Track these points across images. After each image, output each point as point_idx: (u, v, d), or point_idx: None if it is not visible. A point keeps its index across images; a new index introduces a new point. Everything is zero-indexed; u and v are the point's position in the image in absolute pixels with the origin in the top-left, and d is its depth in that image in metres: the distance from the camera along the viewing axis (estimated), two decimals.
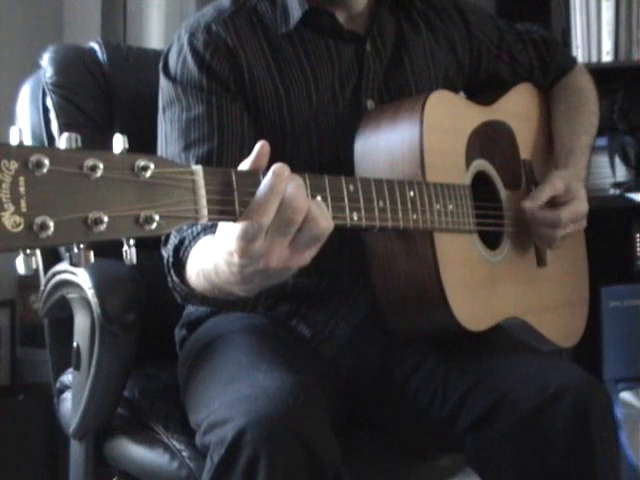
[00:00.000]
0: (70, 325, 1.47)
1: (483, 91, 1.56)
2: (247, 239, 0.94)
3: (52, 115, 1.65)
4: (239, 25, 1.39)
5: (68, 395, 1.57)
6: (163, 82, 1.40)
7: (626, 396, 2.36)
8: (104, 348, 1.39)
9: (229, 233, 0.96)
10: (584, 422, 1.22)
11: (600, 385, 1.30)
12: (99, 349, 1.39)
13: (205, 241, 1.14)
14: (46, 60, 1.69)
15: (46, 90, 1.66)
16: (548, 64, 1.66)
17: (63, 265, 1.52)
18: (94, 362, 1.40)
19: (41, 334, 1.73)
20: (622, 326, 2.42)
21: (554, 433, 1.22)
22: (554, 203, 1.44)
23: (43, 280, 1.58)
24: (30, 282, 2.70)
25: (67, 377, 1.60)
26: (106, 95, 1.71)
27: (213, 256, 1.04)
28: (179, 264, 1.19)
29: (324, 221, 0.97)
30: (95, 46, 1.75)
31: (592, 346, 1.82)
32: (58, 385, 1.64)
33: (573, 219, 1.44)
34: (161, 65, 1.41)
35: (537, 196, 1.42)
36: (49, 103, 1.66)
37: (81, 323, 1.44)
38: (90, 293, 1.38)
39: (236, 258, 0.97)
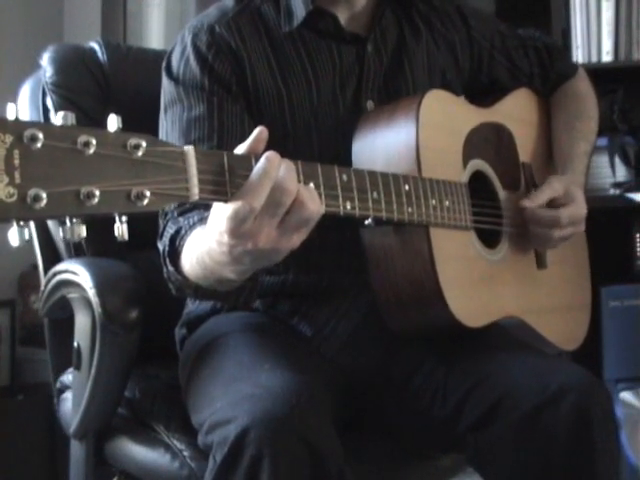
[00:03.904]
0: (70, 325, 1.47)
1: (483, 95, 1.57)
2: (237, 220, 0.97)
3: (52, 115, 1.65)
4: (242, 26, 1.39)
5: (68, 395, 1.57)
6: (165, 82, 1.40)
7: (626, 396, 2.36)
8: (105, 348, 1.39)
9: (221, 213, 0.99)
10: (585, 422, 1.22)
11: (601, 385, 1.30)
12: (100, 349, 1.39)
13: (200, 230, 1.15)
14: (46, 60, 1.69)
15: (46, 90, 1.66)
16: (548, 71, 1.67)
17: (64, 265, 1.53)
18: (95, 362, 1.40)
19: (41, 334, 1.74)
20: (622, 326, 2.41)
21: (555, 432, 1.22)
22: (553, 205, 1.44)
23: (43, 280, 1.58)
24: (30, 282, 2.70)
25: (67, 377, 1.60)
26: (106, 95, 1.71)
27: (206, 238, 1.06)
28: (175, 253, 1.20)
29: (313, 205, 1.00)
30: (95, 46, 1.75)
31: (592, 346, 1.82)
32: (58, 385, 1.64)
33: (572, 221, 1.45)
34: (164, 65, 1.42)
35: (536, 196, 1.43)
36: (49, 103, 1.66)
37: (82, 323, 1.44)
38: (91, 293, 1.38)
39: (226, 238, 0.99)
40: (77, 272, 1.45)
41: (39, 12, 2.93)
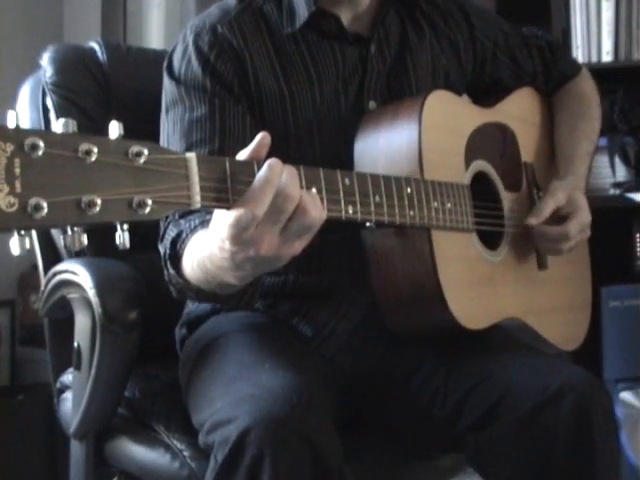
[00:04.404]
0: (70, 325, 1.47)
1: (486, 95, 1.57)
2: (239, 227, 0.96)
3: (52, 115, 1.65)
4: (244, 26, 1.39)
5: (68, 395, 1.57)
6: (167, 82, 1.40)
7: (626, 396, 2.36)
8: (105, 348, 1.39)
9: (222, 220, 0.98)
10: (585, 422, 1.22)
11: (601, 385, 1.30)
12: (100, 349, 1.39)
13: (202, 234, 1.15)
14: (46, 60, 1.69)
15: (46, 90, 1.66)
16: (552, 71, 1.67)
17: (64, 265, 1.53)
18: (95, 362, 1.40)
19: (41, 334, 1.73)
20: (622, 326, 2.41)
21: (555, 433, 1.22)
22: (557, 215, 1.44)
23: (43, 280, 1.58)
24: (30, 282, 2.70)
25: (67, 377, 1.60)
26: (106, 95, 1.71)
27: (207, 243, 1.06)
28: (176, 256, 1.20)
29: (315, 211, 0.99)
30: (95, 46, 1.75)
31: (592, 346, 1.82)
32: (58, 385, 1.64)
33: (580, 230, 1.45)
34: (165, 65, 1.41)
35: (541, 211, 1.42)
36: (49, 103, 1.66)
37: (82, 323, 1.44)
38: (91, 293, 1.38)
39: (227, 244, 0.99)
40: (77, 272, 1.45)
41: (39, 12, 2.93)
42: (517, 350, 1.38)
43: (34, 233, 1.63)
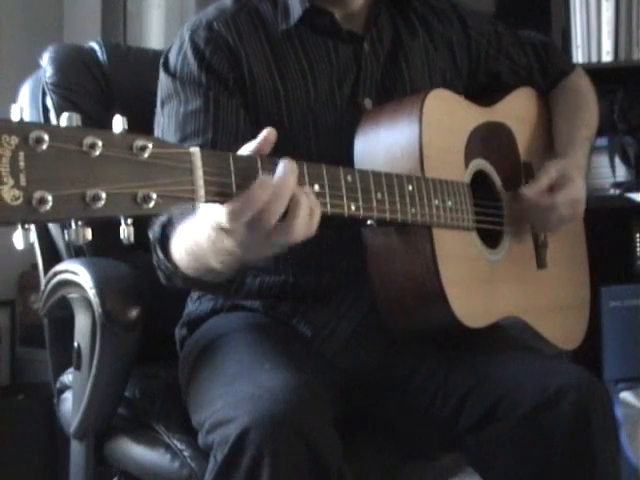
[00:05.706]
0: (70, 325, 1.47)
1: (483, 94, 1.57)
2: (229, 219, 0.98)
3: (52, 115, 1.65)
4: (240, 24, 1.40)
5: (68, 395, 1.57)
6: (162, 77, 1.41)
7: (626, 396, 2.36)
8: (105, 348, 1.39)
9: (214, 210, 1.00)
10: (585, 422, 1.22)
11: (601, 385, 1.30)
12: (100, 349, 1.39)
13: (191, 220, 1.15)
14: (46, 60, 1.69)
15: (46, 90, 1.66)
16: (547, 66, 1.67)
17: (64, 265, 1.53)
18: (95, 362, 1.40)
19: (41, 334, 1.73)
20: (622, 326, 2.41)
21: (555, 433, 1.22)
22: (551, 190, 1.44)
23: (43, 280, 1.58)
24: (30, 282, 2.70)
25: (67, 377, 1.60)
26: (106, 95, 1.71)
27: (196, 230, 1.08)
28: (165, 240, 1.21)
29: (302, 229, 1.01)
30: (95, 46, 1.75)
31: (592, 346, 1.82)
32: (58, 385, 1.63)
33: (568, 202, 1.45)
34: (161, 61, 1.42)
35: (535, 184, 1.43)
36: (49, 103, 1.66)
37: (82, 323, 1.44)
38: (91, 293, 1.38)
39: (214, 233, 1.02)
40: (77, 272, 1.45)
41: (39, 12, 2.94)
42: (517, 350, 1.38)
43: (34, 231, 1.63)
